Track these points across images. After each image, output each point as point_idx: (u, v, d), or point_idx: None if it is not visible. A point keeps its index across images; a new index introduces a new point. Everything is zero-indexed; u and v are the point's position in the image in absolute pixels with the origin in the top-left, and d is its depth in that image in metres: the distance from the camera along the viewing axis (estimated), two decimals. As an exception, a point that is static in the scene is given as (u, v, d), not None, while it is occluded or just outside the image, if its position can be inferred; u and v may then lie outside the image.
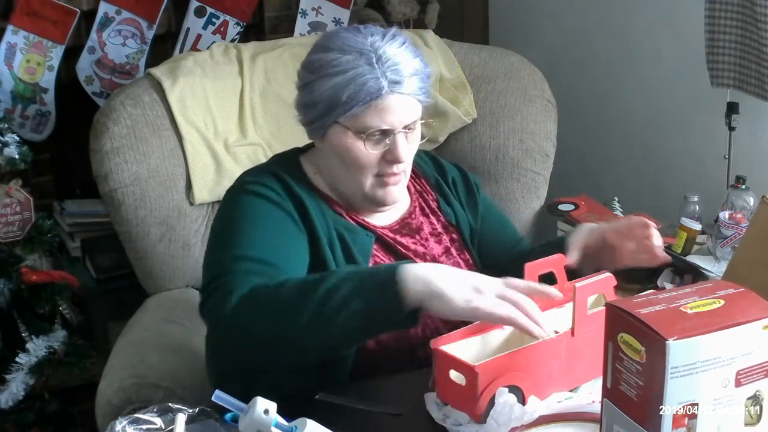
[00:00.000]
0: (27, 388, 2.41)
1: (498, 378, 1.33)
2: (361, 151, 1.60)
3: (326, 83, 1.57)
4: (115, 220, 2.28)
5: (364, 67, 1.55)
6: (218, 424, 1.27)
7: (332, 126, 1.60)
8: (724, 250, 2.15)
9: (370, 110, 1.57)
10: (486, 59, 2.57)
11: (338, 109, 1.57)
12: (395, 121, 1.58)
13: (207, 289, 1.52)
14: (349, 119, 1.58)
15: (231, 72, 2.40)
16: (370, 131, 1.58)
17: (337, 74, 1.56)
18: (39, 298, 2.45)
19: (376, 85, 1.55)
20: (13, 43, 2.72)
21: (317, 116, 1.61)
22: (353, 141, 1.59)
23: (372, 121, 1.57)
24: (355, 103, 1.55)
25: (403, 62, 1.58)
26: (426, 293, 1.33)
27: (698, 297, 1.16)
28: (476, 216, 1.84)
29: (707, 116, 2.57)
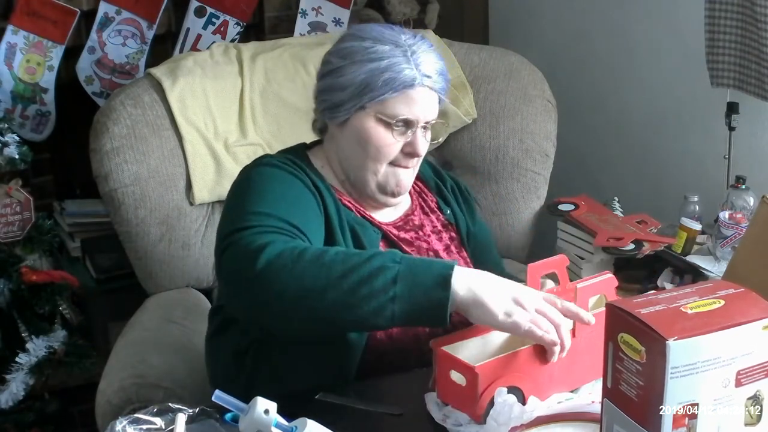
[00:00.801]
0: (27, 388, 2.41)
1: (498, 379, 1.34)
2: (383, 138, 1.63)
3: (360, 68, 1.61)
4: (115, 220, 2.28)
5: (399, 58, 1.61)
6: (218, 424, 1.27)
7: (358, 111, 1.63)
8: (724, 250, 2.15)
9: (401, 98, 1.62)
10: (486, 59, 2.57)
11: (370, 93, 1.61)
12: (420, 113, 1.63)
13: (226, 240, 1.46)
14: (378, 105, 1.62)
15: (231, 72, 2.40)
16: (397, 119, 1.62)
17: (373, 60, 1.61)
18: (39, 298, 2.45)
19: (410, 75, 1.61)
20: (13, 43, 2.72)
21: (345, 99, 1.63)
22: (377, 127, 1.63)
23: (401, 109, 1.62)
24: (389, 89, 1.60)
25: (433, 61, 1.65)
26: (470, 300, 1.33)
27: (698, 297, 1.16)
28: (473, 219, 1.87)
29: (707, 116, 2.57)
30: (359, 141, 1.64)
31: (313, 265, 1.36)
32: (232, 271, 1.44)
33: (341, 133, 1.67)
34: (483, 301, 1.33)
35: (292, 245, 1.40)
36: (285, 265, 1.36)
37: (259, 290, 1.38)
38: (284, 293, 1.36)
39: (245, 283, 1.39)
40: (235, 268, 1.43)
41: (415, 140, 1.64)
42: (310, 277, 1.35)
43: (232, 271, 1.44)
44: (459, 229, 1.82)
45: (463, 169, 2.49)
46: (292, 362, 1.56)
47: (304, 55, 2.46)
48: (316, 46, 2.49)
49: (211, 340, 1.71)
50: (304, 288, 1.35)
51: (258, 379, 1.58)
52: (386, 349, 1.59)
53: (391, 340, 1.60)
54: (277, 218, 1.48)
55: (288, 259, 1.37)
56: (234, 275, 1.43)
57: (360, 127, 1.64)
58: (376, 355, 1.58)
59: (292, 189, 1.58)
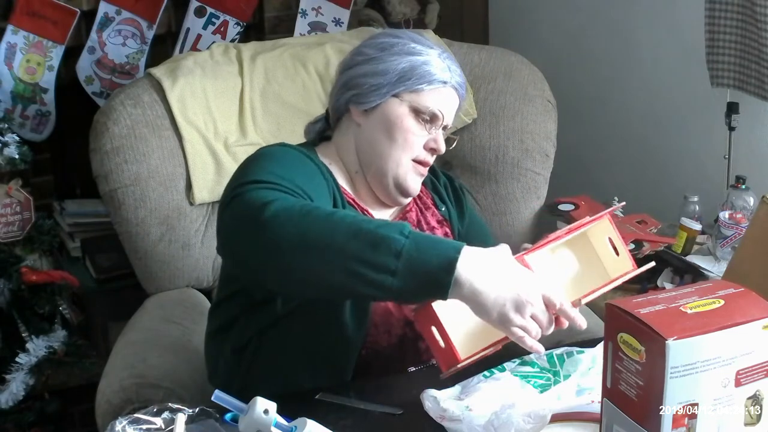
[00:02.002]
0: (27, 388, 2.41)
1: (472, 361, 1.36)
2: (413, 129, 1.66)
3: (401, 58, 1.66)
4: (115, 220, 2.28)
5: (437, 59, 1.68)
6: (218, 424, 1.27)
7: (391, 99, 1.67)
8: (724, 250, 2.15)
9: (434, 93, 1.67)
10: (486, 59, 2.57)
11: (408, 82, 1.66)
12: (447, 112, 1.69)
13: (233, 192, 1.44)
14: (412, 94, 1.66)
15: (231, 72, 2.40)
16: (428, 111, 1.66)
17: (413, 54, 1.67)
18: (39, 298, 2.45)
19: (446, 74, 1.68)
20: (13, 43, 2.72)
21: (383, 84, 1.66)
22: (408, 115, 1.67)
23: (433, 102, 1.67)
24: (427, 80, 1.66)
25: (459, 71, 1.73)
26: (468, 294, 1.30)
27: (698, 297, 1.17)
28: (462, 219, 1.88)
29: (707, 116, 2.57)
30: (387, 128, 1.67)
31: (320, 221, 1.33)
32: (238, 216, 1.41)
33: (367, 120, 1.69)
34: (481, 300, 1.30)
35: (303, 202, 1.40)
36: (292, 216, 1.34)
37: (263, 237, 1.35)
38: (286, 243, 1.33)
39: (251, 228, 1.37)
40: (241, 214, 1.40)
41: (438, 137, 1.69)
42: (315, 233, 1.32)
43: (238, 217, 1.41)
44: (453, 227, 1.84)
45: (463, 169, 2.49)
46: (288, 359, 1.56)
47: (304, 55, 2.46)
48: (316, 46, 2.49)
49: (211, 337, 1.71)
50: (306, 242, 1.32)
51: (256, 375, 1.59)
52: (384, 349, 1.59)
53: (389, 340, 1.60)
54: (288, 180, 1.46)
55: (296, 212, 1.35)
56: (239, 221, 1.40)
57: (390, 114, 1.67)
58: (374, 354, 1.58)
59: (305, 166, 1.59)
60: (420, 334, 1.60)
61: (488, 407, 1.35)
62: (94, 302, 2.76)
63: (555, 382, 1.45)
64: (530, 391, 1.43)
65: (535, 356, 1.51)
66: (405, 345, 1.61)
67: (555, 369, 1.49)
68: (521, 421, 1.28)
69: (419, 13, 3.13)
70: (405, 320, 1.62)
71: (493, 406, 1.34)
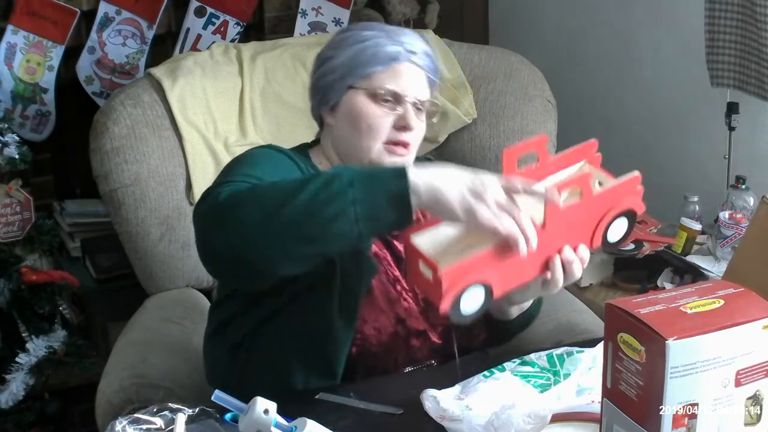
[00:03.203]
0: (27, 388, 2.41)
1: (465, 277, 1.31)
2: (374, 113, 1.64)
3: (347, 51, 1.66)
4: (115, 220, 2.28)
5: (384, 39, 1.66)
6: (218, 424, 1.27)
7: (347, 92, 1.66)
8: (724, 250, 2.15)
9: (387, 72, 1.64)
10: (486, 59, 2.57)
11: (357, 70, 1.64)
12: (408, 87, 1.65)
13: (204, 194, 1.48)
14: (365, 81, 1.65)
15: (231, 72, 2.40)
16: (385, 92, 1.64)
17: (359, 42, 1.66)
18: (39, 298, 2.45)
19: (394, 50, 1.65)
20: (13, 43, 2.72)
21: (336, 80, 1.66)
22: (367, 103, 1.65)
23: (387, 82, 1.64)
24: (374, 63, 1.64)
25: (418, 41, 1.68)
26: (429, 194, 1.31)
27: (698, 297, 1.17)
28: None
29: (707, 116, 2.57)
30: (351, 120, 1.66)
31: (270, 187, 1.38)
32: (200, 217, 1.45)
33: (335, 118, 1.69)
34: (441, 196, 1.30)
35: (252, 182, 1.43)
36: (244, 193, 1.38)
37: (225, 221, 1.37)
38: (248, 218, 1.35)
39: (212, 217, 1.40)
40: (202, 214, 1.44)
41: (406, 113, 1.64)
42: (268, 198, 1.35)
43: (200, 218, 1.45)
44: None
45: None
46: (281, 355, 1.55)
47: (304, 55, 2.46)
48: (316, 46, 2.48)
49: (209, 338, 1.72)
50: (264, 209, 1.34)
51: (250, 373, 1.59)
52: (374, 347, 1.59)
53: (379, 338, 1.59)
54: (255, 178, 1.48)
55: (246, 188, 1.40)
56: (202, 215, 1.44)
57: (351, 106, 1.66)
58: (365, 353, 1.58)
59: (281, 166, 1.59)
60: (411, 329, 1.61)
61: (488, 407, 1.35)
62: (94, 302, 2.76)
63: (555, 382, 1.45)
64: (530, 391, 1.43)
65: (536, 356, 1.51)
66: (396, 343, 1.61)
67: (555, 369, 1.49)
68: (521, 422, 1.29)
69: (419, 13, 3.14)
70: (396, 317, 1.61)
71: (493, 406, 1.34)
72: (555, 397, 1.41)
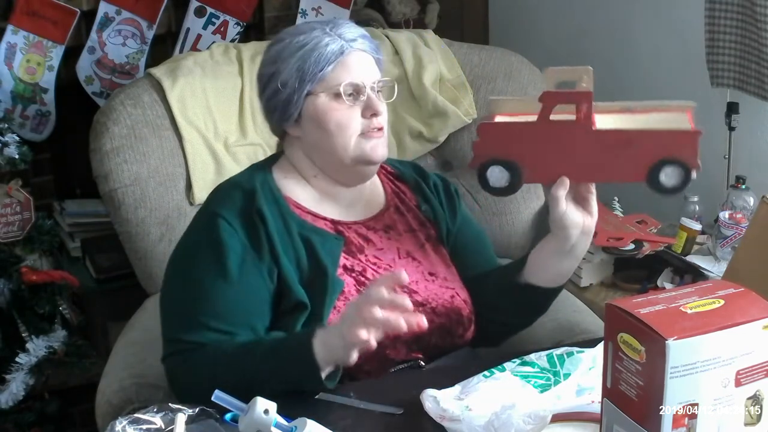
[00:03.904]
0: (27, 388, 2.41)
1: (501, 145, 1.47)
2: (341, 111, 1.65)
3: (291, 61, 1.65)
4: (115, 220, 2.28)
5: (321, 36, 1.65)
6: (218, 424, 1.27)
7: (306, 99, 1.65)
8: (724, 250, 2.15)
9: (338, 68, 1.65)
10: (486, 59, 2.57)
11: (308, 77, 1.64)
12: (363, 75, 1.66)
13: (170, 343, 1.60)
14: (321, 83, 1.65)
15: (231, 72, 2.40)
16: (344, 86, 1.64)
17: (299, 49, 1.65)
18: (39, 298, 2.45)
19: (337, 45, 1.65)
20: (13, 43, 2.72)
21: (291, 93, 1.65)
22: (331, 103, 1.65)
23: (343, 77, 1.65)
24: (324, 64, 1.64)
25: (353, 28, 1.70)
26: (331, 359, 1.47)
27: (698, 297, 1.17)
28: (454, 220, 1.84)
29: (707, 116, 2.56)
30: (319, 125, 1.66)
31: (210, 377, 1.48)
32: (165, 367, 1.62)
33: (301, 129, 1.69)
34: (339, 354, 1.45)
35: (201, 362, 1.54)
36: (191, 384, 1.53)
37: (185, 392, 1.55)
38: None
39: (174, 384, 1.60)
40: (169, 378, 1.62)
41: (371, 100, 1.66)
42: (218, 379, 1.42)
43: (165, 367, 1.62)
44: (439, 226, 1.81)
45: (463, 169, 2.49)
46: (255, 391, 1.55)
47: (304, 55, 2.46)
48: (316, 46, 2.49)
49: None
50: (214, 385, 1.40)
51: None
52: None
53: None
54: (216, 331, 1.56)
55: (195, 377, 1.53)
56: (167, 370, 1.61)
57: (315, 111, 1.66)
58: None
59: (234, 271, 1.59)
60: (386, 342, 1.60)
61: (488, 407, 1.35)
62: (94, 302, 2.76)
63: (555, 383, 1.45)
64: (530, 391, 1.43)
65: (536, 356, 1.51)
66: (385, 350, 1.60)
67: (555, 369, 1.49)
68: (521, 422, 1.28)
69: (419, 13, 3.14)
70: None
71: (493, 406, 1.34)
72: (555, 397, 1.41)
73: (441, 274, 1.74)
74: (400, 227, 1.76)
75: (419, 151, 2.48)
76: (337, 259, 1.65)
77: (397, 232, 1.75)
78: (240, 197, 1.65)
